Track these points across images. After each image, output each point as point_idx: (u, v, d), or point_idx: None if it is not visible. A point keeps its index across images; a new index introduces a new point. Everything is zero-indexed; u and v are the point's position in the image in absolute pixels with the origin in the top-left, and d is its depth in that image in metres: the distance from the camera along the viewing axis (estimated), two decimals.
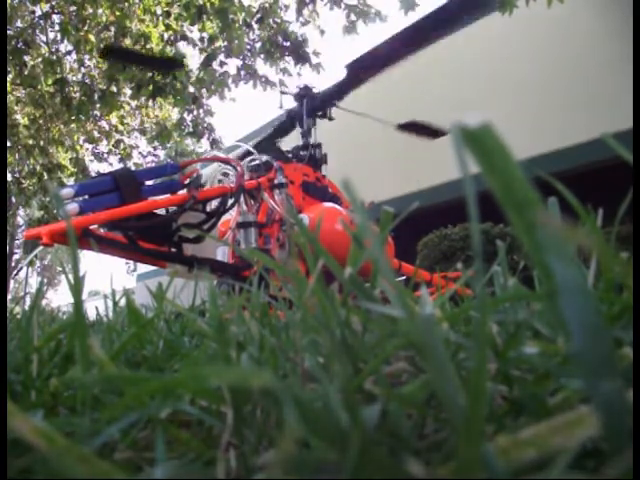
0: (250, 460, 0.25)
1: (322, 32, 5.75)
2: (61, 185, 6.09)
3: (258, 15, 5.58)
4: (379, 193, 4.16)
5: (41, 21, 5.71)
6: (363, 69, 2.83)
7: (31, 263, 14.30)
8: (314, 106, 2.92)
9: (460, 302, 0.70)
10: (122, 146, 7.98)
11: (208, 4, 5.33)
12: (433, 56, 6.56)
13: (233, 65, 5.70)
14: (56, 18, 5.68)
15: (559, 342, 0.30)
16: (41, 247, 1.76)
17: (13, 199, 8.43)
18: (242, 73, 5.66)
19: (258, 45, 5.68)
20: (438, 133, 2.93)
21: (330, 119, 3.00)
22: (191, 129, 6.17)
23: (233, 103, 6.50)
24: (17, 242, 11.67)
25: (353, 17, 5.41)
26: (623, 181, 0.88)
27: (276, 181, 2.42)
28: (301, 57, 5.53)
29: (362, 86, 3.07)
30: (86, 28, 5.58)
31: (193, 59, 6.14)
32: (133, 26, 5.68)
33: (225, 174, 2.34)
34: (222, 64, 5.65)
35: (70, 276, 0.32)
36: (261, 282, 0.58)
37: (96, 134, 7.83)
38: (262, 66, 5.68)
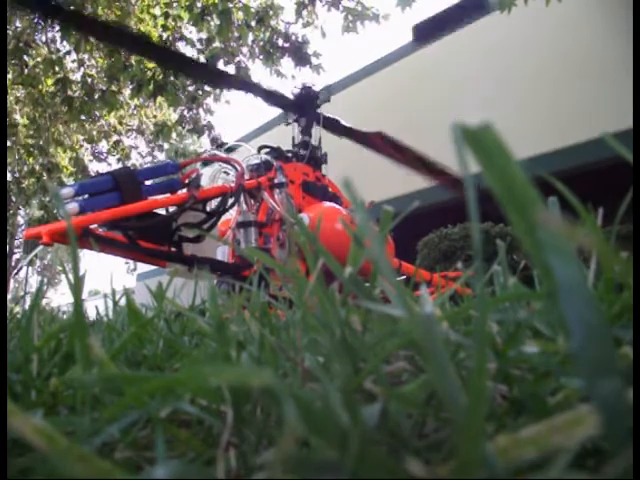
0: (250, 459, 0.25)
1: (324, 34, 5.75)
2: (61, 185, 6.09)
3: (257, 16, 5.58)
4: (379, 193, 4.16)
5: (41, 21, 5.71)
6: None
7: (31, 262, 14.30)
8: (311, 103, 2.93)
9: (460, 301, 0.70)
10: (121, 146, 7.97)
11: (211, 6, 5.33)
12: (435, 56, 6.57)
13: (231, 67, 5.71)
14: None
15: (559, 341, 0.30)
16: (41, 246, 1.76)
17: (13, 199, 8.43)
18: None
19: (257, 47, 5.68)
20: None
21: (328, 100, 3.01)
22: (191, 126, 6.19)
23: (230, 103, 6.47)
24: (17, 241, 11.67)
25: (350, 19, 5.42)
26: (623, 181, 0.88)
27: (276, 180, 2.42)
28: (301, 59, 5.53)
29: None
30: None
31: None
32: (132, 26, 5.68)
33: (225, 173, 2.34)
34: (226, 63, 5.65)
35: (70, 275, 0.32)
36: (261, 281, 0.58)
37: (95, 134, 7.82)
38: (258, 68, 5.68)
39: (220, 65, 5.64)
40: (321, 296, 0.33)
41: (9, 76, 5.82)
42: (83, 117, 6.23)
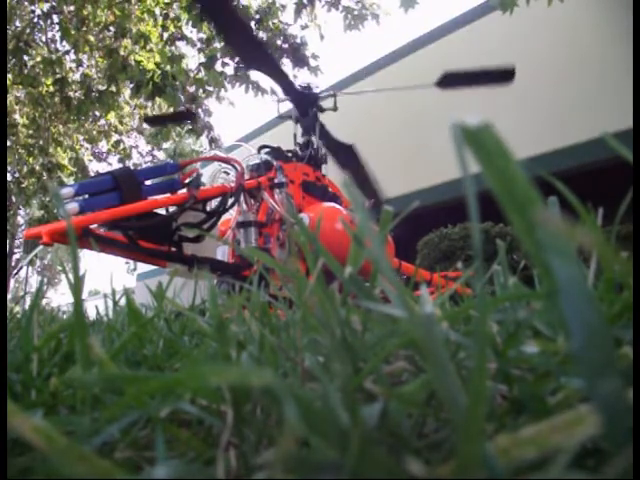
0: (250, 459, 0.25)
1: (322, 37, 5.74)
2: (61, 184, 6.09)
3: (257, 16, 5.58)
4: None
5: (40, 21, 5.70)
6: None
7: (31, 262, 14.30)
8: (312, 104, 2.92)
9: (460, 301, 0.70)
10: (121, 146, 7.97)
11: None
12: (434, 55, 6.57)
13: (231, 67, 5.71)
14: (56, 18, 5.67)
15: (559, 341, 0.30)
16: (41, 246, 1.76)
17: (13, 199, 8.43)
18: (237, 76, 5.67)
19: None
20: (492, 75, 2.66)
21: (335, 109, 2.99)
22: (190, 126, 6.18)
23: (232, 104, 6.45)
24: (17, 241, 11.66)
25: (350, 19, 5.42)
26: (623, 181, 0.88)
27: (276, 180, 2.42)
28: (300, 60, 5.53)
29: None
30: (85, 28, 5.58)
31: (192, 59, 6.14)
32: (132, 26, 5.68)
33: (226, 173, 2.34)
34: (224, 64, 5.65)
35: (70, 275, 0.32)
36: (261, 281, 0.58)
37: (95, 134, 7.82)
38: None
39: (218, 66, 5.63)
40: (321, 296, 0.33)
41: (9, 76, 5.81)
42: (82, 117, 6.22)
